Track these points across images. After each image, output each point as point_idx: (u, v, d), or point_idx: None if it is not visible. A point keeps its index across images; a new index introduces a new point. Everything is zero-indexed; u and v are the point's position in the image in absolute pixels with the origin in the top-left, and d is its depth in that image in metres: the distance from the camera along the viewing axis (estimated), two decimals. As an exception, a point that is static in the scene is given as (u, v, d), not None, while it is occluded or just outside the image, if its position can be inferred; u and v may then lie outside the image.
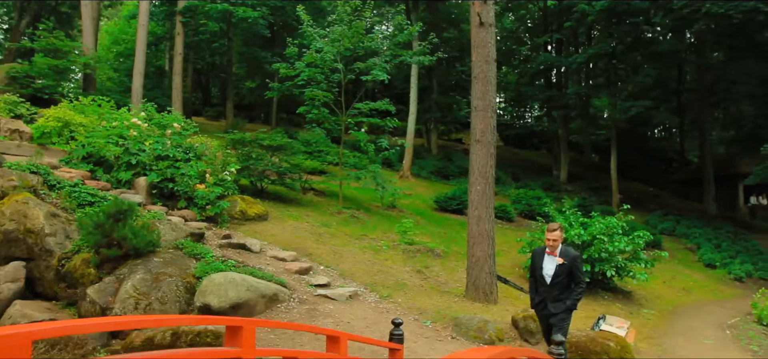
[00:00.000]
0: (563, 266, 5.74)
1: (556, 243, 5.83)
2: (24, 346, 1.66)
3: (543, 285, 5.87)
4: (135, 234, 7.71)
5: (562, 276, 5.76)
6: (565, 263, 5.74)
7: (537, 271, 5.96)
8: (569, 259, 5.77)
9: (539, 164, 32.61)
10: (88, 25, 19.62)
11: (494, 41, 9.66)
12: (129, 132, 11.24)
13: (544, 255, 5.92)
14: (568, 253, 5.83)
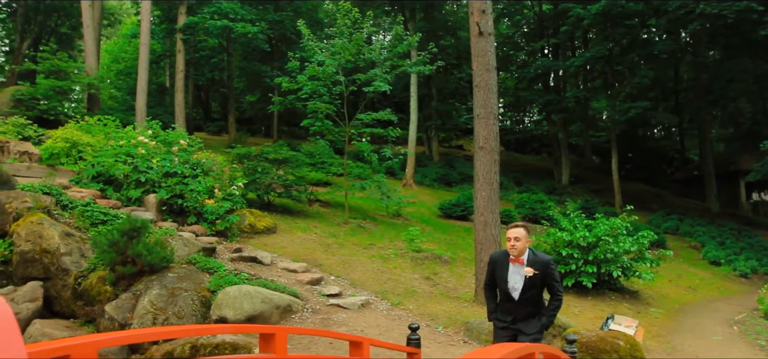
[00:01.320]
0: (534, 279, 4.64)
1: (520, 248, 4.67)
2: (90, 354, 1.80)
3: (509, 302, 4.80)
4: (149, 251, 7.84)
5: (534, 290, 4.70)
6: (537, 274, 4.63)
7: (499, 284, 4.86)
8: (540, 267, 4.64)
9: (541, 168, 32.77)
10: (91, 46, 19.81)
11: (494, 50, 9.84)
12: (137, 150, 11.38)
13: (507, 264, 4.79)
14: (539, 260, 4.69)
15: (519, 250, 4.70)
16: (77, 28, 30.45)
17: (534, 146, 39.66)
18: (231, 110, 27.57)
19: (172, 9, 24.76)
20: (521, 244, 4.70)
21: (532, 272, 4.62)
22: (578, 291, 10.63)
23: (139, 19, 22.27)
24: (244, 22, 22.00)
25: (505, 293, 4.79)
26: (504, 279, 4.77)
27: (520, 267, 4.70)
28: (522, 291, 4.69)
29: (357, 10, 14.36)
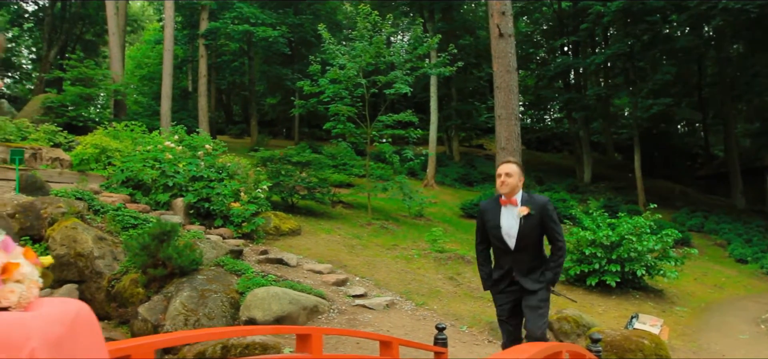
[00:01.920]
0: (530, 220, 4.11)
1: (512, 185, 4.15)
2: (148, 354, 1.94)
3: (504, 254, 4.24)
4: (179, 254, 8.05)
5: (532, 234, 4.14)
6: (532, 215, 4.11)
7: (491, 232, 4.29)
8: (537, 208, 4.13)
9: (562, 167, 32.59)
10: (116, 54, 20.24)
11: (514, 51, 9.89)
12: (164, 155, 11.64)
13: (498, 208, 4.25)
14: (535, 200, 4.20)
15: (510, 187, 4.16)
16: (102, 35, 31.06)
17: (555, 144, 39.41)
18: (253, 113, 27.91)
19: (194, 15, 25.15)
20: (513, 180, 4.17)
21: (526, 211, 4.09)
22: (602, 290, 10.63)
23: (163, 26, 22.66)
24: (264, 27, 22.27)
25: (499, 241, 4.23)
26: (496, 224, 4.23)
27: (513, 209, 4.17)
28: (518, 237, 4.14)
29: (377, 13, 14.49)
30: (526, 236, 4.12)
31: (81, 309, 1.48)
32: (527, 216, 4.10)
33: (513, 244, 4.16)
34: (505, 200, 4.20)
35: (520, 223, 4.12)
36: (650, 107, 23.55)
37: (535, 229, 4.13)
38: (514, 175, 4.18)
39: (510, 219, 4.17)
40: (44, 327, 1.31)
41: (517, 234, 4.13)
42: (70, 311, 1.44)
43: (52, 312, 1.40)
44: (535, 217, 4.10)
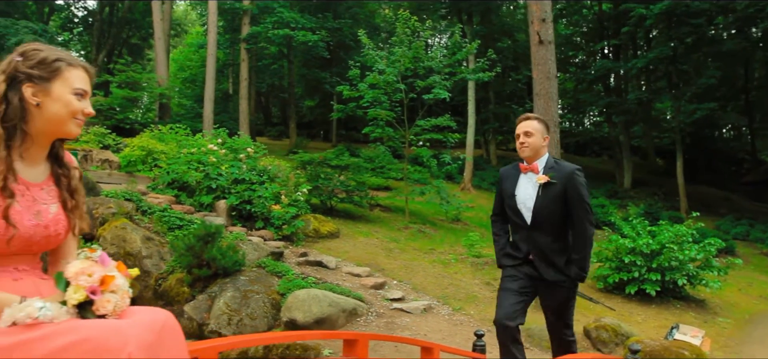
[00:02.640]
0: (551, 190, 3.49)
1: (533, 147, 3.57)
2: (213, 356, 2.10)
3: (519, 229, 3.67)
4: (223, 255, 8.31)
5: (553, 208, 3.51)
6: (554, 184, 3.49)
7: (507, 202, 3.73)
8: (562, 176, 3.51)
9: (601, 171, 32.13)
10: (162, 58, 20.87)
11: (554, 58, 9.89)
12: (208, 158, 11.98)
13: (517, 175, 3.70)
14: (561, 167, 3.57)
15: (531, 149, 3.56)
16: (146, 39, 32.05)
17: (594, 148, 38.86)
18: (291, 116, 28.35)
19: (235, 19, 25.72)
20: (534, 141, 3.56)
21: (546, 178, 3.47)
22: (641, 299, 10.51)
23: (206, 31, 23.26)
24: (304, 31, 22.63)
25: (515, 213, 3.63)
26: (511, 193, 3.64)
27: (533, 176, 3.58)
28: (535, 208, 3.52)
29: (416, 19, 14.61)
30: (544, 209, 3.49)
31: (167, 317, 1.65)
32: (547, 185, 3.46)
33: (529, 218, 3.55)
34: (525, 166, 3.61)
35: (537, 192, 3.51)
36: (694, 112, 23.04)
37: (557, 202, 3.47)
38: (536, 134, 3.55)
39: (528, 188, 3.57)
40: (139, 333, 1.48)
41: (533, 205, 3.52)
42: (159, 319, 1.61)
43: (144, 319, 1.57)
44: (557, 187, 3.45)
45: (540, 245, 3.57)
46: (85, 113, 1.81)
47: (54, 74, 1.76)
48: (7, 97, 1.69)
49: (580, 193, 3.50)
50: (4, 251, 1.62)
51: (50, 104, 1.74)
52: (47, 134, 1.78)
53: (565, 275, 3.55)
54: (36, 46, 1.81)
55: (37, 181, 1.77)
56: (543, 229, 3.55)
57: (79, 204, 1.87)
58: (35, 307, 1.47)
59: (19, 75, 1.72)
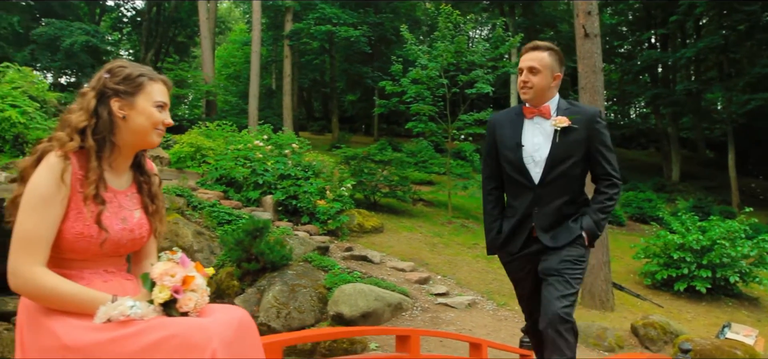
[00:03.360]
0: (570, 137, 2.82)
1: (539, 86, 2.86)
2: (277, 352, 2.23)
3: (522, 191, 2.91)
4: (271, 249, 8.53)
5: (570, 162, 2.84)
6: (575, 129, 2.81)
7: (506, 156, 2.95)
8: (583, 120, 2.84)
9: (648, 164, 31.37)
10: (208, 56, 21.38)
11: (600, 52, 9.75)
12: (254, 154, 12.26)
13: (519, 122, 2.94)
14: (581, 110, 2.91)
15: (535, 92, 2.84)
16: (192, 37, 32.81)
17: (641, 141, 37.92)
18: (333, 111, 28.61)
19: (278, 16, 26.10)
20: (540, 82, 2.83)
21: (566, 122, 2.78)
22: (691, 296, 10.30)
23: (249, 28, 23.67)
24: (346, 27, 22.81)
25: (518, 170, 2.87)
26: (516, 143, 2.87)
27: (543, 122, 2.85)
28: (549, 161, 2.80)
29: (458, 13, 14.58)
30: (561, 162, 2.78)
31: (244, 314, 1.78)
32: (567, 130, 2.77)
33: (539, 175, 2.81)
34: (531, 110, 2.87)
35: (553, 141, 2.78)
36: (747, 103, 22.25)
37: (577, 152, 2.81)
38: (544, 72, 2.83)
39: (537, 136, 2.83)
40: (221, 331, 1.61)
41: (547, 158, 2.79)
42: (236, 316, 1.75)
43: (224, 317, 1.70)
44: (577, 133, 2.78)
45: (548, 208, 2.82)
46: (165, 124, 1.96)
47: (138, 89, 1.91)
48: (97, 111, 1.84)
49: (605, 141, 2.84)
50: (96, 254, 1.78)
51: (135, 117, 1.89)
52: (132, 145, 1.93)
53: (573, 234, 2.84)
54: (121, 64, 1.97)
55: (122, 188, 1.93)
56: (555, 188, 2.81)
57: (159, 209, 2.02)
58: (127, 305, 1.62)
59: (107, 91, 1.87)
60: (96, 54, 25.23)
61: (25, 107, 12.04)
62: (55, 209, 1.69)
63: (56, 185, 1.69)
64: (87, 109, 1.84)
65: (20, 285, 1.64)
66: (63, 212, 1.71)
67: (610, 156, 2.90)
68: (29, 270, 1.63)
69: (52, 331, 1.63)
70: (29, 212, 1.66)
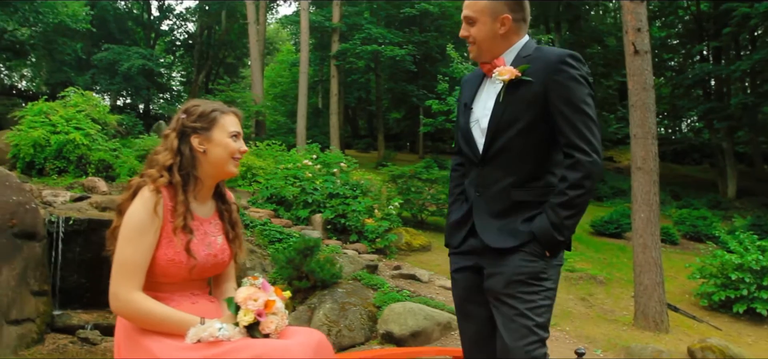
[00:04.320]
0: (522, 94, 2.16)
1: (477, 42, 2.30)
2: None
3: (470, 163, 2.35)
4: (321, 268, 8.70)
5: (518, 128, 2.17)
6: (528, 83, 2.15)
7: (459, 123, 2.45)
8: (542, 69, 2.14)
9: (701, 180, 30.43)
10: (258, 77, 22.00)
11: (651, 68, 9.61)
12: (304, 173, 12.53)
13: (478, 81, 2.41)
14: (542, 56, 2.18)
15: (480, 42, 2.27)
16: (241, 58, 33.76)
17: (694, 156, 36.77)
18: (379, 128, 28.87)
19: (324, 37, 26.62)
20: (481, 30, 2.24)
21: (510, 73, 2.12)
22: (751, 318, 9.95)
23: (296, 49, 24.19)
24: (392, 46, 23.07)
25: (467, 142, 2.31)
26: (461, 109, 2.39)
27: (497, 82, 2.20)
28: (489, 129, 2.18)
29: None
30: (505, 128, 2.13)
31: (321, 337, 1.92)
32: (515, 85, 2.11)
33: (482, 142, 2.20)
34: (487, 66, 2.26)
35: (496, 100, 2.17)
36: (806, 116, 21.39)
37: (526, 114, 2.11)
38: (481, 16, 2.20)
39: (490, 97, 2.23)
40: (303, 352, 1.75)
41: (489, 124, 2.18)
42: (315, 338, 1.88)
43: (304, 339, 1.84)
44: (531, 88, 2.10)
45: (491, 194, 2.17)
46: (241, 151, 2.12)
47: (212, 123, 2.09)
48: (180, 149, 2.03)
49: (570, 96, 2.05)
50: (185, 279, 1.96)
51: (213, 149, 2.06)
52: (213, 176, 2.11)
53: (521, 233, 2.12)
54: (195, 102, 2.16)
55: (207, 216, 2.10)
56: (498, 165, 2.16)
57: (239, 235, 2.19)
58: (216, 328, 1.79)
59: (186, 129, 2.06)
60: (150, 76, 26.28)
61: (88, 130, 12.64)
62: (150, 238, 1.87)
63: (150, 216, 1.87)
64: (171, 148, 2.03)
65: (120, 308, 1.83)
66: (156, 240, 1.89)
67: (577, 119, 2.04)
68: (128, 294, 1.81)
69: (148, 348, 1.81)
70: (127, 241, 1.84)
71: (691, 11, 29.21)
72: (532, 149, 2.16)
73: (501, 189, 2.18)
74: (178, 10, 33.35)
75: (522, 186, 2.17)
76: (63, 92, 13.95)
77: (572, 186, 2.06)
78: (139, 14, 30.84)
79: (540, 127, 2.15)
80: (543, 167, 2.19)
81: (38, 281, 7.90)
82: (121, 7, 29.41)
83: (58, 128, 12.22)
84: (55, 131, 12.15)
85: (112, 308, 1.83)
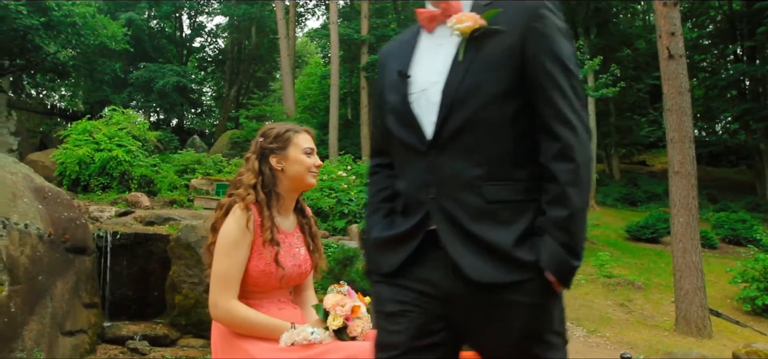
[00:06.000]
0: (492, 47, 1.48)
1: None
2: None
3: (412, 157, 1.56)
4: (361, 278, 8.85)
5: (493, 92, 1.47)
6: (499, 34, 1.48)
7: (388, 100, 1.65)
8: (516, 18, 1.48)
9: (738, 183, 29.85)
10: (289, 91, 22.39)
11: (686, 72, 9.58)
12: (339, 185, 12.72)
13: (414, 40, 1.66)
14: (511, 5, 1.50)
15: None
16: (271, 72, 34.31)
17: (730, 158, 36.06)
18: (408, 138, 28.98)
19: (353, 48, 26.94)
20: None
21: (475, 21, 1.50)
22: (795, 322, 9.81)
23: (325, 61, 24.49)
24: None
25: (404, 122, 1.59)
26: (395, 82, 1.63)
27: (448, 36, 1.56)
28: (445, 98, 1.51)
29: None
30: (469, 96, 1.50)
31: None
32: (482, 37, 1.52)
33: (433, 124, 1.53)
34: (430, 16, 1.63)
35: (454, 59, 1.53)
36: None
37: (500, 77, 1.50)
38: None
39: (439, 57, 1.57)
40: None
41: (443, 92, 1.52)
42: None
43: None
44: (504, 41, 1.50)
45: (452, 189, 1.50)
46: (316, 165, 2.29)
47: (287, 142, 2.27)
48: (261, 169, 2.22)
49: (562, 51, 1.51)
50: (274, 287, 2.15)
51: (290, 167, 2.25)
52: (293, 190, 2.30)
53: (522, 263, 1.46)
54: (270, 125, 2.35)
55: (290, 229, 2.29)
56: (461, 149, 1.50)
57: (318, 247, 2.37)
58: (308, 331, 1.96)
59: (265, 151, 2.26)
60: (184, 93, 26.92)
61: (129, 146, 13.06)
62: (243, 251, 2.06)
63: (242, 232, 2.07)
64: (253, 169, 2.23)
65: (220, 316, 2.02)
66: (248, 253, 2.08)
67: (567, 86, 1.49)
68: (227, 303, 2.00)
69: (246, 350, 1.99)
70: (224, 255, 2.03)
71: (723, 11, 28.78)
72: (508, 124, 1.50)
73: (467, 185, 1.47)
74: (209, 27, 34.01)
75: (497, 180, 1.48)
76: (105, 110, 14.43)
77: (569, 183, 1.45)
78: (172, 32, 31.63)
79: (516, 94, 1.49)
80: (524, 150, 1.52)
81: (89, 293, 8.20)
82: (154, 26, 30.21)
83: (101, 145, 12.66)
84: (99, 148, 12.59)
85: (212, 315, 2.03)
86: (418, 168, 1.54)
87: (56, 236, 8.07)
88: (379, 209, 1.68)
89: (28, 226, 6.70)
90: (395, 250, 1.57)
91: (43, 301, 6.75)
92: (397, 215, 1.63)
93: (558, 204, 1.45)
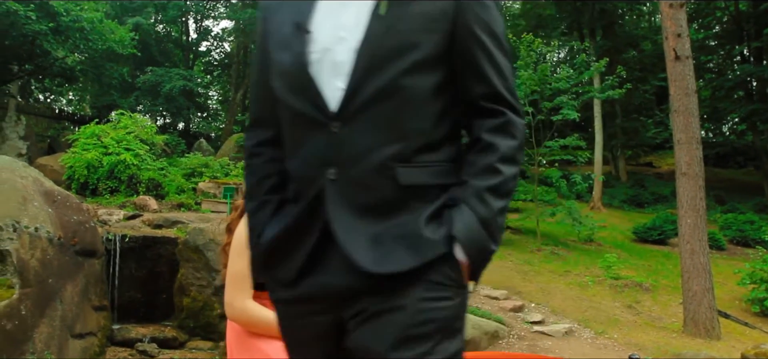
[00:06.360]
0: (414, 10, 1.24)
1: None
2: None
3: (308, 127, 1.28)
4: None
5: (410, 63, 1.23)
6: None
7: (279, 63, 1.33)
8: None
9: (746, 184, 29.69)
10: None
11: (693, 73, 9.58)
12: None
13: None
14: None
15: None
16: (276, 75, 34.38)
17: (737, 159, 35.90)
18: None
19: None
20: None
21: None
22: (805, 324, 9.76)
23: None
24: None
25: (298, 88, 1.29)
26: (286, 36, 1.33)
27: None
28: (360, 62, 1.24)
29: (540, 41, 14.66)
30: (390, 58, 1.24)
31: None
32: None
33: (339, 90, 1.25)
34: None
35: (373, 14, 1.24)
36: None
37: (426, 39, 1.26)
38: None
39: (346, 11, 1.28)
40: None
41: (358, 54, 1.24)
42: None
43: None
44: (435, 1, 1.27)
45: (359, 173, 1.25)
46: None
47: None
48: None
49: (496, 24, 1.37)
50: None
51: None
52: None
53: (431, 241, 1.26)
54: None
55: None
56: (372, 123, 1.25)
57: None
58: None
59: None
60: (190, 96, 27.02)
61: (137, 150, 13.13)
62: None
63: None
64: None
65: (236, 315, 2.05)
66: None
67: (501, 60, 1.36)
68: (242, 303, 2.03)
69: (261, 349, 2.02)
70: (238, 255, 2.06)
71: (730, 12, 28.67)
72: (431, 97, 1.29)
73: (376, 166, 1.24)
74: (216, 31, 34.09)
75: (410, 160, 1.27)
76: (112, 114, 14.52)
77: (505, 159, 1.32)
78: (179, 37, 31.73)
79: (442, 64, 1.30)
80: (444, 128, 1.34)
81: (98, 296, 8.26)
82: (161, 30, 30.33)
83: (109, 149, 12.74)
84: (107, 152, 12.67)
85: (227, 315, 2.07)
86: (316, 144, 1.27)
87: (66, 239, 8.13)
88: (267, 203, 1.39)
89: (39, 229, 6.75)
90: (291, 252, 1.31)
91: (53, 304, 6.80)
92: (290, 205, 1.34)
93: (485, 173, 1.30)
